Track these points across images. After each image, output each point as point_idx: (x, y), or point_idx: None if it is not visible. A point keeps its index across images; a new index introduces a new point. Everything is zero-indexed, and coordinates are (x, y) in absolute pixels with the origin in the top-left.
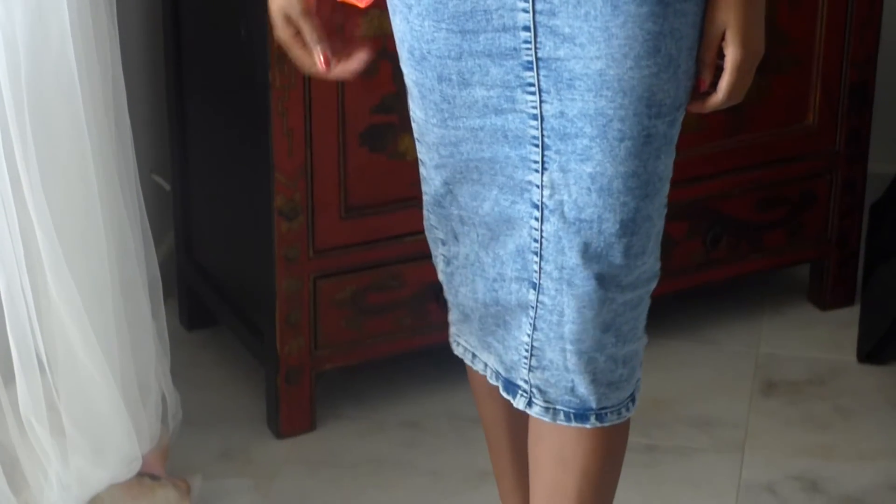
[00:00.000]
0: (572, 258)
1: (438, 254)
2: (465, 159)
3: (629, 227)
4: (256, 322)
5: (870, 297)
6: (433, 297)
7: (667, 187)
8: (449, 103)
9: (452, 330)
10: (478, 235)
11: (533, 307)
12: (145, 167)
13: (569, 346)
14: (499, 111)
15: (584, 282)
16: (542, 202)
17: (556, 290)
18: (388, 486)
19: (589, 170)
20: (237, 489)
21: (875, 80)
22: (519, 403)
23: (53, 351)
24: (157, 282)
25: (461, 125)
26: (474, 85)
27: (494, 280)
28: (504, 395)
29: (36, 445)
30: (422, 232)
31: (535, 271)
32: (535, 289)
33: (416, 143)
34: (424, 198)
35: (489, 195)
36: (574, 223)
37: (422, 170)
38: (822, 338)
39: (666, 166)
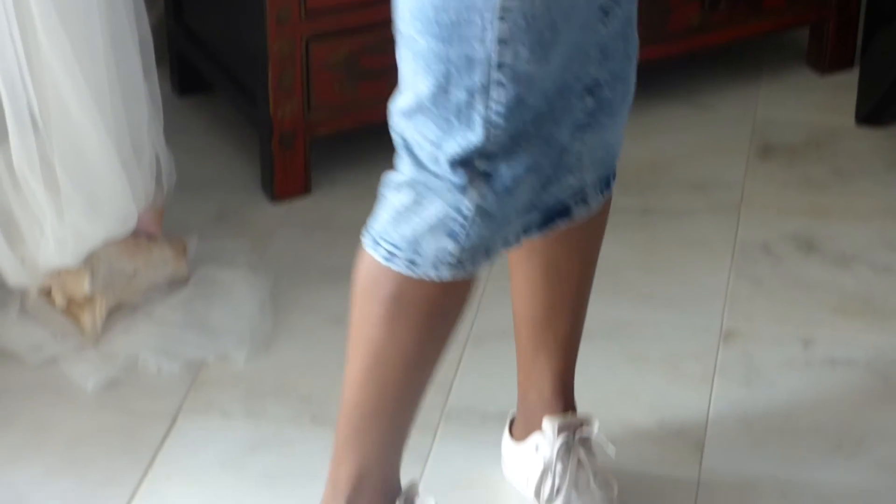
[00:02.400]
0: None
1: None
2: None
3: None
4: (249, 86)
5: (869, 59)
6: None
7: None
8: None
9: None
10: None
11: None
12: None
13: None
14: None
15: None
16: None
17: None
18: None
19: None
20: (233, 250)
21: None
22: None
23: (46, 107)
24: (148, 42)
25: None
26: None
27: None
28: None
29: (31, 201)
30: None
31: None
32: None
33: None
34: None
35: None
36: None
37: None
38: (819, 101)
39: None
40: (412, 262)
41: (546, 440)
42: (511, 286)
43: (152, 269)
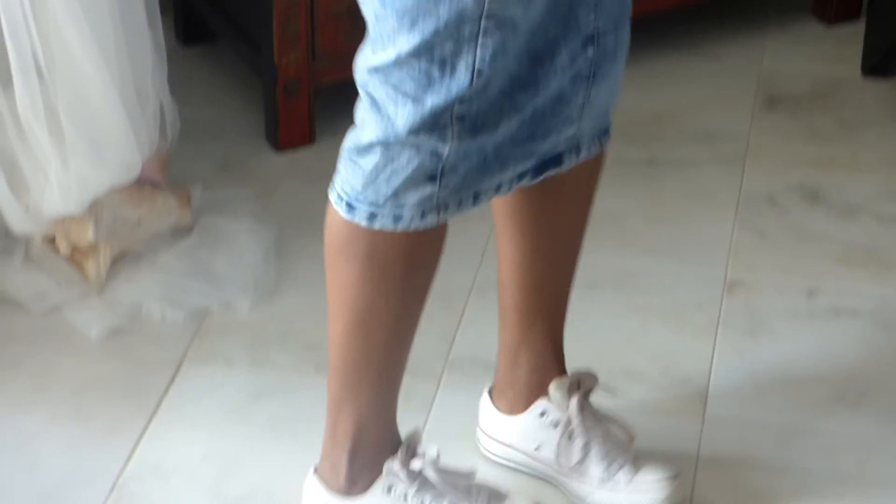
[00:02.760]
0: None
1: None
2: None
3: None
4: (253, 35)
5: (875, 11)
6: None
7: None
8: None
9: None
10: None
11: None
12: None
13: None
14: None
15: None
16: None
17: None
18: None
19: None
20: (237, 200)
21: None
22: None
23: (50, 54)
24: None
25: None
26: None
27: None
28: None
29: (35, 148)
30: None
31: None
32: None
33: None
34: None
35: None
36: None
37: None
38: (825, 53)
39: None
40: (397, 217)
41: (555, 404)
42: (498, 255)
43: (156, 218)
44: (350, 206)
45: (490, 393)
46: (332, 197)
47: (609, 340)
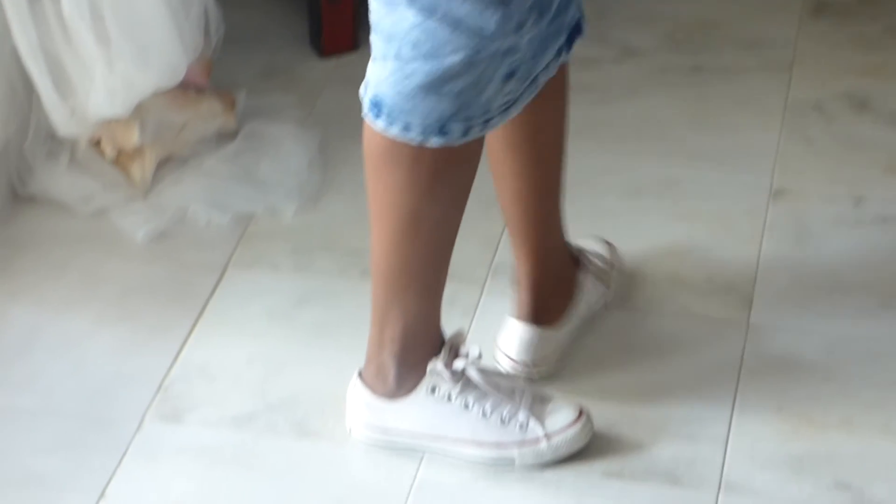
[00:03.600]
0: None
1: None
2: None
3: None
4: None
5: None
6: None
7: None
8: None
9: None
10: None
11: None
12: None
13: None
14: None
15: None
16: None
17: None
18: None
19: None
20: (281, 105)
21: None
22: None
23: None
24: None
25: None
26: None
27: None
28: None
29: (81, 51)
30: None
31: None
32: None
33: None
34: None
35: None
36: None
37: None
38: None
39: None
40: (467, 130)
41: (595, 287)
42: (500, 182)
43: (201, 122)
44: (406, 127)
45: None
46: (374, 111)
47: (654, 248)
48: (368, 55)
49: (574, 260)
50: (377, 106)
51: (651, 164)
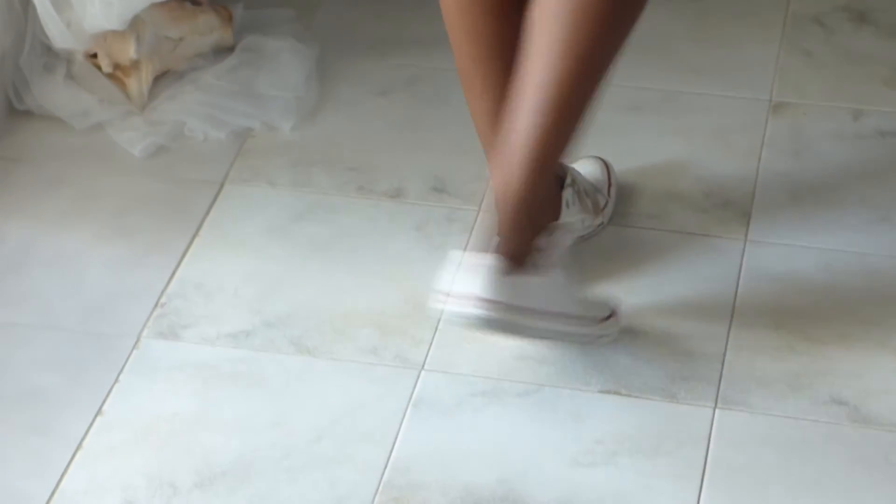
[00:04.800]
0: None
1: None
2: None
3: None
4: None
5: None
6: None
7: None
8: None
9: None
10: None
11: None
12: None
13: None
14: None
15: None
16: None
17: None
18: (431, 19)
19: None
20: (278, 18)
21: None
22: None
23: None
24: None
25: None
26: None
27: None
28: None
29: None
30: None
31: None
32: None
33: None
34: None
35: None
36: None
37: None
38: None
39: None
40: None
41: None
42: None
43: (198, 36)
44: None
45: None
46: None
47: (652, 163)
48: None
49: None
50: None
51: (650, 79)
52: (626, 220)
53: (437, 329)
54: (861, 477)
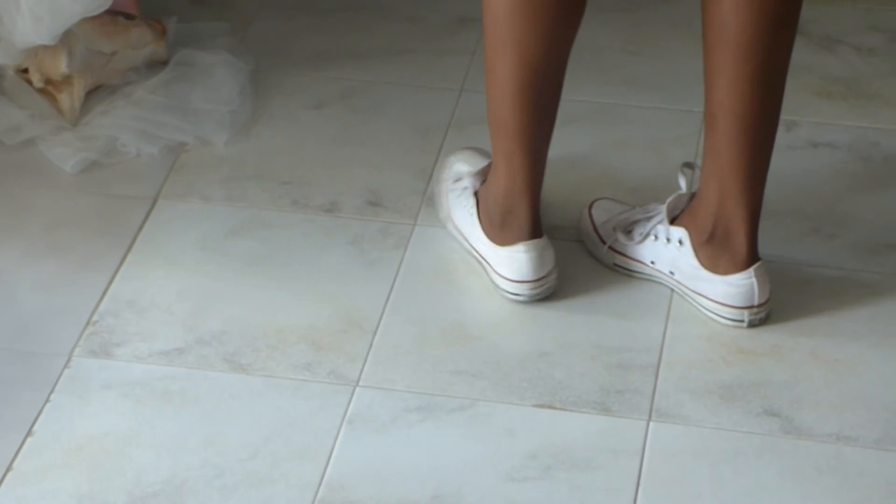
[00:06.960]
0: None
1: None
2: None
3: None
4: None
5: None
6: None
7: None
8: None
9: None
10: None
11: None
12: None
13: None
14: None
15: None
16: None
17: None
18: (366, 32)
19: None
20: (213, 32)
21: None
22: None
23: None
24: None
25: None
26: None
27: None
28: None
29: None
30: None
31: None
32: None
33: None
34: None
35: None
36: None
37: None
38: None
39: None
40: None
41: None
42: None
43: (131, 51)
44: None
45: None
46: None
47: (587, 175)
48: None
49: None
50: None
51: (585, 91)
52: (561, 234)
53: (371, 345)
54: (794, 488)
